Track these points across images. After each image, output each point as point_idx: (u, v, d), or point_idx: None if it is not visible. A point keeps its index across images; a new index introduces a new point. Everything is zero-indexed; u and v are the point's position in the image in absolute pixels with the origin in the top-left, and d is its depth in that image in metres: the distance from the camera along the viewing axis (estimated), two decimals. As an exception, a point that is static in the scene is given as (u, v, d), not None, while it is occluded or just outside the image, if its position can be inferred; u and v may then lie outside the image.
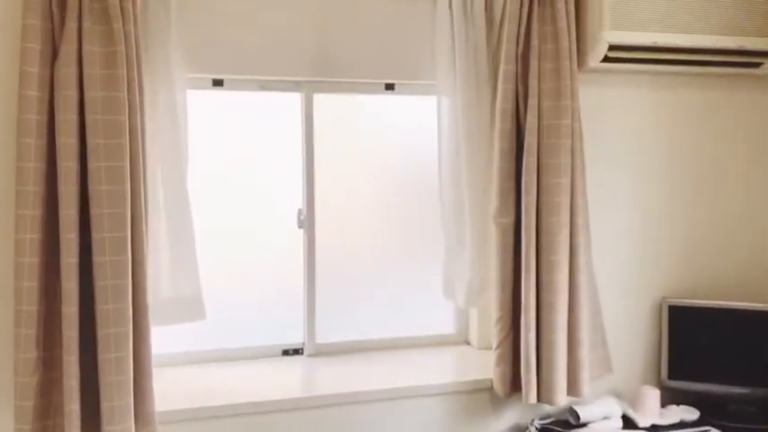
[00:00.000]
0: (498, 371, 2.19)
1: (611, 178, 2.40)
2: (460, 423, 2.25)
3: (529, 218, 2.12)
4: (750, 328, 2.30)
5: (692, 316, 2.36)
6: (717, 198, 2.51)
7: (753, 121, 2.52)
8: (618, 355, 2.40)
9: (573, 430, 2.17)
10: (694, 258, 2.50)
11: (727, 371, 2.31)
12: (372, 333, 2.55)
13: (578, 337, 2.16)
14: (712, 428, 2.21)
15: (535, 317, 2.14)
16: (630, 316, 2.44)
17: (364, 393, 2.15)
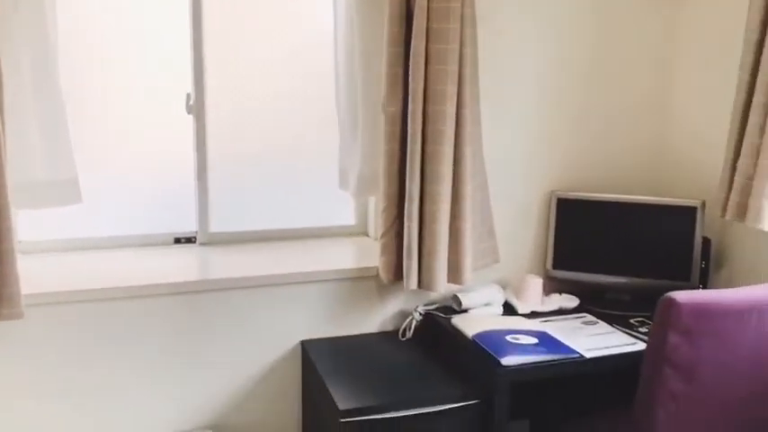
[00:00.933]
0: (383, 259, 2.22)
1: (504, 69, 2.36)
2: (348, 308, 2.30)
3: (415, 106, 2.09)
4: (629, 220, 2.36)
5: (578, 208, 2.40)
6: (609, 93, 2.51)
7: (648, 10, 2.49)
8: (506, 246, 2.45)
9: (454, 316, 2.24)
10: (584, 152, 2.52)
11: (606, 261, 2.39)
12: (272, 224, 2.55)
13: (462, 227, 2.18)
14: (588, 315, 2.31)
15: (418, 207, 2.14)
16: (520, 208, 2.47)
17: (253, 279, 2.16)
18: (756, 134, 1.98)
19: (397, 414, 1.87)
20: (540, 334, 2.09)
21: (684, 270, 2.32)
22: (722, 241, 2.38)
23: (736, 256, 2.33)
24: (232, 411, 2.22)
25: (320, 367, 2.06)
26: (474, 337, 2.06)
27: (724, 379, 1.82)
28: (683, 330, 1.73)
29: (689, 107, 2.50)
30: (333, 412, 1.88)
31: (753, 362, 1.84)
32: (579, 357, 1.97)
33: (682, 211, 2.31)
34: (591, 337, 2.10)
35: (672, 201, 2.32)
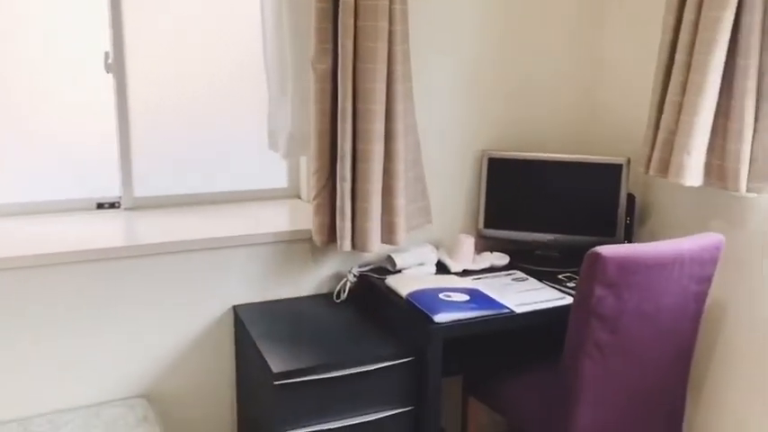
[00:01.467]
0: (316, 221, 2.19)
1: (435, 28, 2.34)
2: (281, 272, 2.27)
3: (345, 63, 2.05)
4: (558, 178, 2.40)
5: (508, 168, 2.43)
6: (536, 52, 2.53)
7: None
8: (439, 206, 2.46)
9: (388, 276, 2.24)
10: (513, 112, 2.54)
11: (535, 220, 2.43)
12: (200, 187, 2.47)
13: (395, 186, 2.17)
14: (518, 272, 2.35)
15: (351, 166, 2.12)
16: (452, 168, 2.48)
17: (181, 243, 2.10)
18: (678, 92, 2.03)
19: (332, 375, 1.87)
20: (471, 291, 2.12)
21: (610, 226, 2.39)
22: (646, 197, 2.46)
23: (658, 211, 2.41)
24: (164, 379, 2.17)
25: (253, 331, 2.03)
26: (408, 296, 2.06)
27: (647, 329, 1.90)
28: (609, 283, 1.78)
29: (617, 66, 2.55)
30: (266, 375, 1.86)
31: (673, 311, 1.93)
32: (510, 313, 2.01)
33: (607, 169, 2.37)
34: (521, 293, 2.15)
35: (598, 159, 2.37)
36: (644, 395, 1.99)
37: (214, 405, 2.26)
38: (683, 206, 2.30)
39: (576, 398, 1.88)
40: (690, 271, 1.89)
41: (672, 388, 2.04)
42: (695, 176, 2.01)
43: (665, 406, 2.05)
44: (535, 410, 2.03)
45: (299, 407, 1.85)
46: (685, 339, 2.00)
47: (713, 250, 1.91)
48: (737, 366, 2.14)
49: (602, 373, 1.89)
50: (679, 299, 1.92)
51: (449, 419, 2.65)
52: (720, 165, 2.01)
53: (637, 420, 2.00)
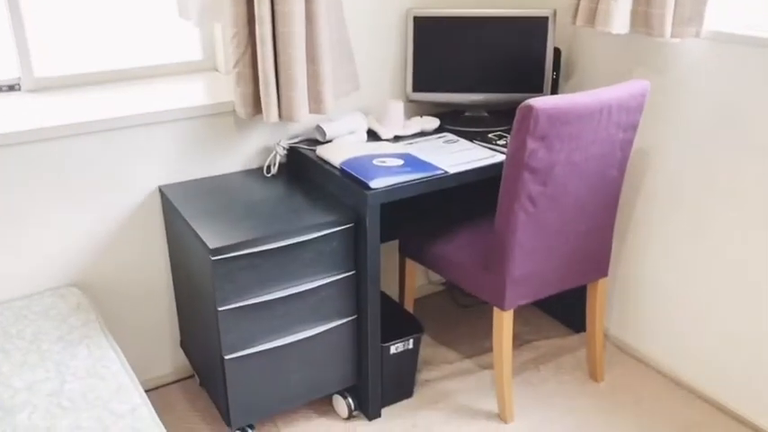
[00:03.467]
0: (239, 91, 2.08)
1: None
2: (206, 148, 2.18)
3: None
4: (485, 35, 2.35)
5: (434, 26, 2.34)
6: None
7: None
8: (366, 72, 2.38)
9: (319, 146, 2.18)
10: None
11: (463, 80, 2.39)
12: (108, 64, 2.29)
13: (318, 51, 2.06)
14: (449, 134, 2.34)
15: (271, 30, 1.99)
16: (378, 29, 2.37)
17: (93, 124, 1.96)
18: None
19: (270, 246, 1.84)
20: (404, 156, 2.10)
21: (537, 81, 2.38)
22: (572, 50, 2.44)
23: (584, 64, 2.41)
24: (95, 266, 2.10)
25: (183, 211, 1.96)
26: (341, 164, 2.02)
27: (576, 178, 1.94)
28: (541, 135, 1.79)
29: None
30: (202, 252, 1.82)
31: (601, 160, 1.97)
32: (444, 173, 2.01)
33: (534, 22, 2.32)
34: (453, 154, 2.14)
35: (524, 12, 2.32)
36: (575, 241, 2.07)
37: (149, 288, 2.22)
38: (608, 57, 2.30)
39: (512, 248, 1.94)
40: (617, 119, 1.92)
41: (600, 232, 2.13)
42: (622, 24, 2.00)
43: (594, 249, 2.15)
44: (470, 265, 2.09)
45: (239, 280, 1.83)
46: (612, 186, 2.07)
47: (639, 97, 1.94)
48: (659, 209, 2.25)
49: (535, 223, 1.94)
50: (606, 147, 1.96)
51: (387, 282, 2.71)
52: (646, 11, 2.00)
53: (568, 264, 2.10)
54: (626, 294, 2.44)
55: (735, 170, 2.00)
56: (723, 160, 2.03)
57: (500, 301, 2.02)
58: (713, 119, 2.03)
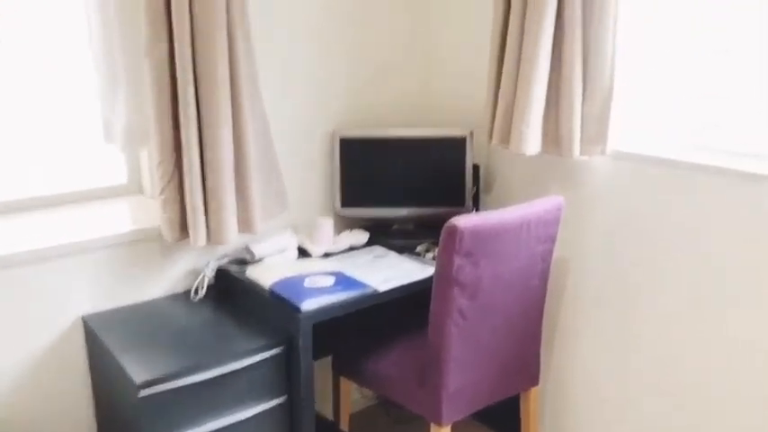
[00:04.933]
0: (165, 217, 2.06)
1: (273, 11, 2.27)
2: (130, 275, 2.13)
3: (183, 49, 1.93)
4: (408, 154, 2.45)
5: (360, 146, 2.44)
6: (377, 30, 2.54)
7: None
8: (295, 189, 2.42)
9: (248, 267, 2.17)
10: (361, 90, 2.55)
11: (390, 195, 2.47)
12: (27, 191, 2.23)
13: (247, 173, 2.10)
14: (378, 247, 2.39)
15: (198, 155, 2.01)
16: (306, 150, 2.45)
17: (9, 258, 1.89)
18: (513, 64, 2.13)
19: (200, 377, 1.79)
20: (335, 274, 2.11)
21: (459, 196, 2.48)
22: (490, 165, 2.58)
23: (503, 178, 2.54)
24: (10, 404, 1.97)
25: (107, 341, 1.89)
26: (271, 286, 2.02)
27: (502, 290, 2.01)
28: (466, 253, 1.86)
29: (458, 41, 2.62)
30: (129, 387, 1.74)
31: (524, 271, 2.05)
32: (374, 291, 2.03)
33: (453, 142, 2.45)
34: (383, 270, 2.18)
35: (444, 132, 2.45)
36: (505, 351, 2.11)
37: (70, 427, 2.09)
38: (525, 172, 2.44)
39: (446, 363, 1.95)
40: (536, 233, 2.01)
41: (528, 341, 2.18)
42: (534, 145, 2.14)
43: (523, 358, 2.19)
44: (405, 381, 2.08)
45: (168, 415, 1.75)
46: (536, 296, 2.14)
47: (555, 211, 2.06)
48: (584, 314, 2.33)
49: (467, 336, 1.97)
50: (528, 259, 2.05)
51: (320, 400, 2.65)
52: (555, 132, 2.15)
53: (501, 374, 2.12)
54: (558, 400, 2.47)
55: (649, 273, 2.12)
56: (637, 264, 2.14)
57: (437, 416, 2.01)
58: (624, 227, 2.16)
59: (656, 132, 2.13)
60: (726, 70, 1.94)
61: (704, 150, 2.00)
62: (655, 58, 2.09)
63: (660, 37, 2.07)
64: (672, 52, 2.05)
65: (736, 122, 1.95)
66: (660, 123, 2.12)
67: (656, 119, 2.13)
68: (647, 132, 2.15)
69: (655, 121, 2.13)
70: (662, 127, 2.11)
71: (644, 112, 2.15)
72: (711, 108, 1.99)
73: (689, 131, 2.05)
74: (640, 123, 2.16)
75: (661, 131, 2.12)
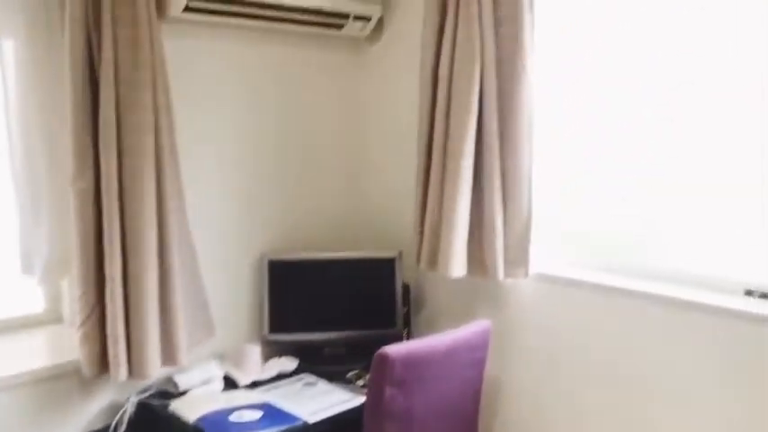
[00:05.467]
0: (85, 351, 1.98)
1: (205, 137, 2.32)
2: (46, 414, 2.00)
3: (109, 181, 1.92)
4: (337, 276, 2.47)
5: (289, 269, 2.44)
6: (307, 154, 2.61)
7: (337, 77, 2.66)
8: (221, 316, 2.37)
9: (172, 400, 2.08)
10: (290, 213, 2.58)
11: (320, 319, 2.46)
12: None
13: (172, 304, 2.05)
14: (308, 375, 2.34)
15: (122, 288, 1.96)
16: (232, 275, 2.43)
17: None
18: (438, 190, 2.22)
19: None
20: (263, 406, 2.05)
21: (390, 317, 2.49)
22: (420, 286, 2.61)
23: (433, 298, 2.57)
24: None
25: (13, 493, 1.75)
26: (196, 422, 1.94)
27: (435, 416, 1.98)
28: (397, 382, 1.84)
29: (385, 165, 2.71)
30: None
31: (456, 395, 2.04)
32: (303, 424, 1.97)
33: (382, 263, 2.48)
34: (313, 399, 2.13)
35: (373, 254, 2.48)
36: (439, 483, 2.06)
37: None
38: (454, 292, 2.48)
39: (378, 500, 1.88)
40: (465, 357, 2.03)
41: (463, 470, 2.14)
42: (460, 268, 2.19)
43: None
44: None
45: None
46: (469, 418, 2.12)
47: (483, 335, 2.08)
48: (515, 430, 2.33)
49: (400, 470, 1.92)
50: (459, 383, 2.04)
51: None
52: (480, 255, 2.21)
53: None
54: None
55: (576, 391, 2.15)
56: (564, 382, 2.17)
57: None
58: (550, 347, 2.20)
59: (579, 256, 2.22)
60: (645, 192, 2.08)
61: (623, 272, 2.10)
62: (572, 185, 2.23)
63: (576, 165, 2.21)
64: (590, 177, 2.19)
65: (654, 245, 2.07)
66: (582, 246, 2.22)
67: (578, 242, 2.23)
68: (570, 256, 2.24)
69: (577, 244, 2.23)
70: (584, 250, 2.21)
71: (566, 235, 2.25)
72: (632, 231, 2.11)
73: (609, 254, 2.16)
74: (562, 246, 2.26)
75: (583, 254, 2.21)
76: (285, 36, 2.48)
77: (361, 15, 2.43)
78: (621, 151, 2.09)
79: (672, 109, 1.97)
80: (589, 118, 2.16)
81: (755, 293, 1.84)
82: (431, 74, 2.24)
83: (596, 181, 2.16)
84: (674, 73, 1.96)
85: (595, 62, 2.12)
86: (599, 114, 2.13)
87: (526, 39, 2.06)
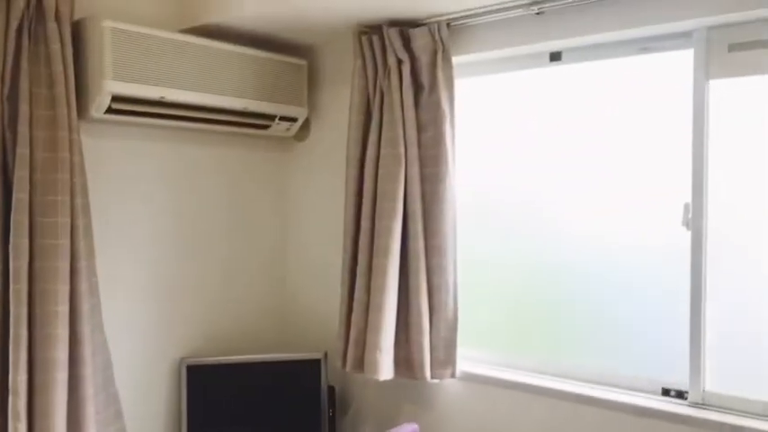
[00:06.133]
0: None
1: (124, 238, 2.24)
2: None
3: (19, 285, 1.82)
4: (260, 379, 2.38)
5: (209, 373, 2.34)
6: (231, 253, 2.57)
7: (264, 175, 2.66)
8: (136, 422, 2.24)
9: None
10: (211, 316, 2.50)
11: (243, 423, 2.35)
12: None
13: (83, 415, 1.92)
14: (228, 487, 2.22)
15: (26, 401, 1.83)
16: (149, 382, 2.30)
17: None
18: (364, 292, 2.21)
19: None
20: None
21: (315, 421, 2.41)
22: (346, 387, 2.55)
23: (359, 400, 2.51)
24: None
25: None
26: None
27: None
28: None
29: (311, 266, 2.69)
30: None
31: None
32: None
33: (307, 365, 2.42)
34: None
35: (297, 356, 2.42)
36: None
37: None
38: (381, 393, 2.44)
39: None
40: (394, 464, 1.97)
41: None
42: (387, 371, 2.17)
43: None
44: None
45: None
46: None
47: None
48: None
49: None
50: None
51: None
52: (407, 357, 2.20)
53: None
54: None
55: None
56: (494, 490, 2.15)
57: None
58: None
59: (503, 355, 2.25)
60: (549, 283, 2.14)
61: (548, 372, 2.13)
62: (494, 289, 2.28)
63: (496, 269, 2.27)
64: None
65: (574, 343, 2.12)
66: (510, 344, 2.25)
67: (506, 342, 2.26)
68: (493, 355, 2.27)
69: (506, 343, 2.26)
70: (509, 349, 2.24)
71: (481, 334, 2.28)
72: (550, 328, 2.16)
73: (530, 353, 2.19)
74: (489, 347, 2.28)
75: (508, 354, 2.24)
76: (210, 136, 2.47)
77: (287, 116, 2.46)
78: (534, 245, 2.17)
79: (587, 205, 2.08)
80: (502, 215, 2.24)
81: (672, 392, 1.91)
82: (356, 174, 2.28)
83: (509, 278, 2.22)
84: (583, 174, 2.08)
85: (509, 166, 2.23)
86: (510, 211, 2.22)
87: (448, 142, 2.14)
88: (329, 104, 2.58)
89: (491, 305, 2.28)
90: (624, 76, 2.01)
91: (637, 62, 1.98)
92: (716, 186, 1.83)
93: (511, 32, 2.08)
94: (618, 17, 1.88)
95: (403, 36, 2.17)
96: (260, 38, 2.42)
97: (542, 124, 2.17)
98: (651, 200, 1.96)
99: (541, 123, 2.17)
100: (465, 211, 2.32)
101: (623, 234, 2.01)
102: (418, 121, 2.19)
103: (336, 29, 2.35)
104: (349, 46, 2.45)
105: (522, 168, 2.21)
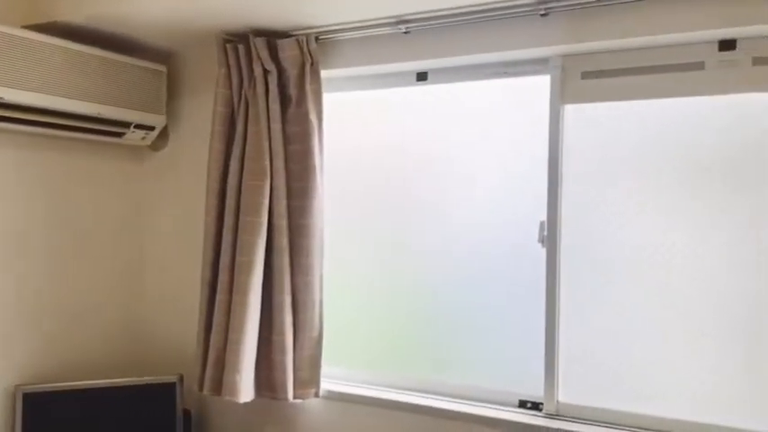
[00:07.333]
0: None
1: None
2: None
3: None
4: (111, 404, 2.21)
5: (50, 401, 2.13)
6: (79, 270, 2.37)
7: (116, 189, 2.49)
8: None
9: None
10: (55, 339, 2.28)
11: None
12: None
13: None
14: None
15: None
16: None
17: None
18: (224, 313, 2.11)
19: None
20: None
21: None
22: (204, 411, 2.42)
23: (217, 423, 2.39)
24: None
25: None
26: None
27: None
28: None
29: (166, 290, 2.53)
30: None
31: None
32: None
33: (160, 388, 2.27)
34: None
35: (149, 379, 2.26)
36: None
37: None
38: (241, 416, 2.33)
39: None
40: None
41: None
42: (247, 392, 2.08)
43: None
44: None
45: None
46: None
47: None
48: None
49: None
50: None
51: None
52: (269, 377, 2.12)
53: None
54: None
55: None
56: None
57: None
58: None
59: (367, 372, 2.23)
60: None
61: (408, 387, 2.14)
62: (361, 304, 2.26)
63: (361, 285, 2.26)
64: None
65: (435, 359, 2.14)
66: (372, 361, 2.23)
67: (368, 357, 2.24)
68: (357, 372, 2.24)
69: (367, 359, 2.24)
70: (373, 365, 2.23)
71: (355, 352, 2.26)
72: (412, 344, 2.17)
73: (389, 368, 2.19)
74: (357, 365, 2.25)
75: (374, 371, 2.22)
76: (59, 142, 2.27)
77: (143, 124, 2.32)
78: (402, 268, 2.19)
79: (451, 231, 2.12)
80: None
81: (529, 404, 1.97)
82: (218, 188, 2.18)
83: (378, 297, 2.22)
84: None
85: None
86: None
87: (316, 156, 2.10)
88: (190, 113, 2.45)
89: (357, 323, 2.26)
90: (488, 97, 2.08)
91: (503, 84, 2.05)
92: (569, 205, 1.93)
93: (379, 50, 2.09)
94: (480, 41, 1.95)
95: (270, 46, 2.11)
96: (118, 40, 2.27)
97: (408, 142, 2.19)
98: (510, 217, 2.04)
99: (407, 141, 2.19)
100: (333, 228, 2.29)
101: (483, 251, 2.07)
102: (285, 133, 2.14)
103: (198, 35, 2.25)
104: (213, 53, 2.35)
105: (388, 184, 2.22)
